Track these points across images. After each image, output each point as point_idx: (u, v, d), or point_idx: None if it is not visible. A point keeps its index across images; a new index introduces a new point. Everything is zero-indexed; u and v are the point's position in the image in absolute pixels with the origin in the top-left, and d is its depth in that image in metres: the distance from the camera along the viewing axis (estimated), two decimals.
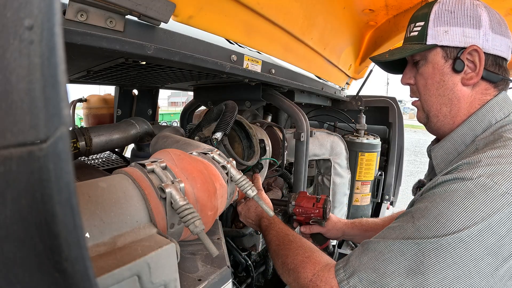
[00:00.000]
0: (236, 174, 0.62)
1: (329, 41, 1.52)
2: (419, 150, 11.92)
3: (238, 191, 0.83)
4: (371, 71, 2.14)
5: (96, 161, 1.50)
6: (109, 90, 2.83)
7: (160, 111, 4.05)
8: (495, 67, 0.71)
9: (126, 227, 0.39)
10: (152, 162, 0.47)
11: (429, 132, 0.84)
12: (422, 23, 0.75)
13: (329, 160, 1.67)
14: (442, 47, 0.72)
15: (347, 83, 2.23)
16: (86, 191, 0.38)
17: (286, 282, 0.76)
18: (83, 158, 1.47)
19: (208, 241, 0.40)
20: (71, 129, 1.05)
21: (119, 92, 1.60)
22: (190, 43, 0.71)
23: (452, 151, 0.74)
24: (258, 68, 0.99)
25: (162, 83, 1.49)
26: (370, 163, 1.87)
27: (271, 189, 1.45)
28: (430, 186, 0.62)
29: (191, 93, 1.73)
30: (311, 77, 1.52)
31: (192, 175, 0.50)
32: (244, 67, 0.92)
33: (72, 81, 1.30)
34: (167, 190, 0.43)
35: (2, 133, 0.16)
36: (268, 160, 1.18)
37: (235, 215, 1.09)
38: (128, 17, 0.56)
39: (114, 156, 1.62)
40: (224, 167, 0.61)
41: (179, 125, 1.91)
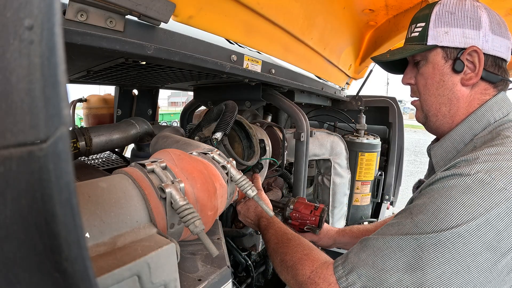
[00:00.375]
0: (236, 174, 0.62)
1: (329, 41, 1.52)
2: (419, 150, 11.92)
3: (238, 191, 0.83)
4: (371, 71, 2.14)
5: (96, 161, 1.50)
6: (109, 90, 2.83)
7: (160, 111, 4.05)
8: (495, 67, 0.71)
9: (126, 227, 0.39)
10: (152, 162, 0.47)
11: (428, 131, 0.84)
12: (423, 24, 0.75)
13: (329, 160, 1.67)
14: (442, 47, 0.73)
15: (347, 83, 2.23)
16: (86, 191, 0.38)
17: (285, 279, 0.76)
18: (83, 158, 1.47)
19: (208, 241, 0.40)
20: (71, 129, 1.05)
21: (119, 92, 1.60)
22: (190, 43, 0.71)
23: (451, 149, 0.75)
24: (258, 68, 0.99)
25: (162, 83, 1.49)
26: (370, 163, 1.87)
27: (271, 189, 1.44)
28: (428, 182, 0.63)
29: (191, 93, 1.73)
30: (311, 77, 1.52)
31: (192, 175, 0.50)
32: (244, 67, 0.92)
33: (72, 81, 1.30)
34: (167, 190, 0.43)
35: (2, 133, 0.16)
36: (268, 160, 1.18)
37: (235, 215, 1.09)
38: (128, 17, 0.56)
39: (114, 156, 1.62)
40: (224, 167, 0.61)
41: (179, 125, 1.91)
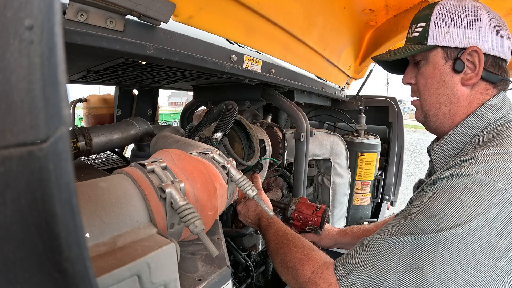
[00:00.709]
0: (236, 174, 0.62)
1: (329, 41, 1.52)
2: (419, 150, 11.91)
3: (238, 191, 0.83)
4: (371, 71, 2.14)
5: (96, 161, 1.50)
6: (109, 90, 2.83)
7: (160, 111, 4.05)
8: (495, 67, 0.72)
9: (126, 227, 0.39)
10: (152, 162, 0.47)
11: (428, 131, 0.85)
12: (424, 24, 0.76)
13: (329, 160, 1.67)
14: (442, 47, 0.73)
15: (347, 83, 2.23)
16: (86, 191, 0.38)
17: (285, 280, 0.76)
18: (83, 158, 1.47)
19: (208, 241, 0.40)
20: (71, 129, 1.05)
21: (119, 92, 1.60)
22: (190, 43, 0.71)
23: (451, 149, 0.75)
24: (258, 68, 0.99)
25: (162, 83, 1.49)
26: (370, 163, 1.87)
27: (271, 189, 1.44)
28: (428, 183, 0.63)
29: (191, 93, 1.73)
30: (311, 77, 1.52)
31: (192, 175, 0.50)
32: (244, 67, 0.92)
33: (72, 81, 1.30)
34: (167, 190, 0.43)
35: (2, 133, 0.16)
36: (268, 160, 1.18)
37: (235, 215, 1.09)
38: (128, 17, 0.56)
39: (114, 156, 1.62)
40: (224, 167, 0.61)
41: (179, 125, 1.91)
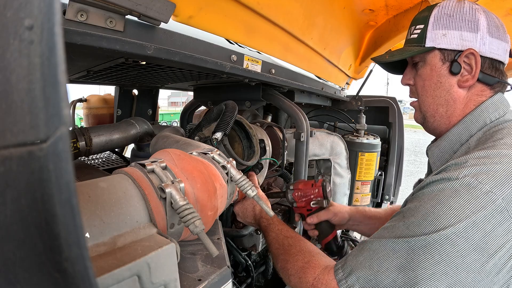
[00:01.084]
0: (236, 174, 0.62)
1: (329, 41, 1.52)
2: (419, 150, 11.91)
3: (238, 191, 0.83)
4: (371, 71, 2.14)
5: (96, 161, 1.50)
6: (109, 90, 2.83)
7: (160, 111, 4.05)
8: (492, 70, 0.72)
9: (126, 227, 0.39)
10: (152, 162, 0.47)
11: (427, 132, 0.86)
12: (422, 26, 0.77)
13: (329, 160, 1.67)
14: (440, 49, 0.74)
15: (347, 83, 2.23)
16: (86, 191, 0.38)
17: (288, 285, 0.78)
18: (83, 158, 1.47)
19: (208, 241, 0.40)
20: (71, 129, 1.05)
21: (119, 92, 1.60)
22: (190, 43, 0.71)
23: (448, 149, 0.77)
24: (258, 68, 0.99)
25: (162, 83, 1.49)
26: (370, 163, 1.87)
27: (271, 189, 1.44)
28: (420, 186, 0.65)
29: (191, 93, 1.73)
30: (311, 77, 1.52)
31: (192, 175, 0.50)
32: (244, 67, 0.92)
33: (72, 81, 1.30)
34: (167, 190, 0.43)
35: (2, 133, 0.16)
36: (268, 160, 1.18)
37: (235, 215, 1.09)
38: (128, 17, 0.56)
39: (114, 156, 1.62)
40: (224, 167, 0.61)
41: (179, 125, 1.91)
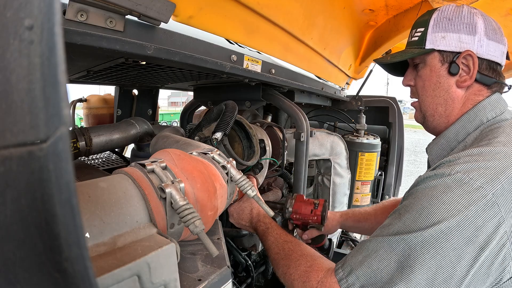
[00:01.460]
0: (236, 174, 0.62)
1: (329, 41, 1.52)
2: (419, 150, 11.91)
3: (238, 191, 0.83)
4: (371, 71, 2.14)
5: (96, 161, 1.50)
6: (109, 90, 2.83)
7: (160, 111, 4.05)
8: (489, 71, 0.75)
9: (126, 227, 0.39)
10: (152, 162, 0.47)
11: (427, 131, 0.89)
12: (423, 29, 0.80)
13: (329, 160, 1.67)
14: (439, 51, 0.78)
15: (347, 83, 2.23)
16: (86, 191, 0.38)
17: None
18: (83, 158, 1.47)
19: (208, 241, 0.40)
20: (71, 129, 1.05)
21: (119, 92, 1.60)
22: (190, 43, 0.71)
23: (446, 147, 0.79)
24: (258, 68, 0.99)
25: (162, 83, 1.49)
26: (370, 163, 1.87)
27: (271, 189, 1.44)
28: (415, 183, 0.67)
29: (191, 93, 1.73)
30: (311, 77, 1.52)
31: (192, 175, 0.50)
32: (244, 67, 0.92)
33: (72, 81, 1.30)
34: (167, 190, 0.43)
35: (2, 133, 0.16)
36: (268, 160, 1.18)
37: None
38: (128, 17, 0.56)
39: (114, 156, 1.62)
40: (224, 167, 0.61)
41: (179, 125, 1.91)
